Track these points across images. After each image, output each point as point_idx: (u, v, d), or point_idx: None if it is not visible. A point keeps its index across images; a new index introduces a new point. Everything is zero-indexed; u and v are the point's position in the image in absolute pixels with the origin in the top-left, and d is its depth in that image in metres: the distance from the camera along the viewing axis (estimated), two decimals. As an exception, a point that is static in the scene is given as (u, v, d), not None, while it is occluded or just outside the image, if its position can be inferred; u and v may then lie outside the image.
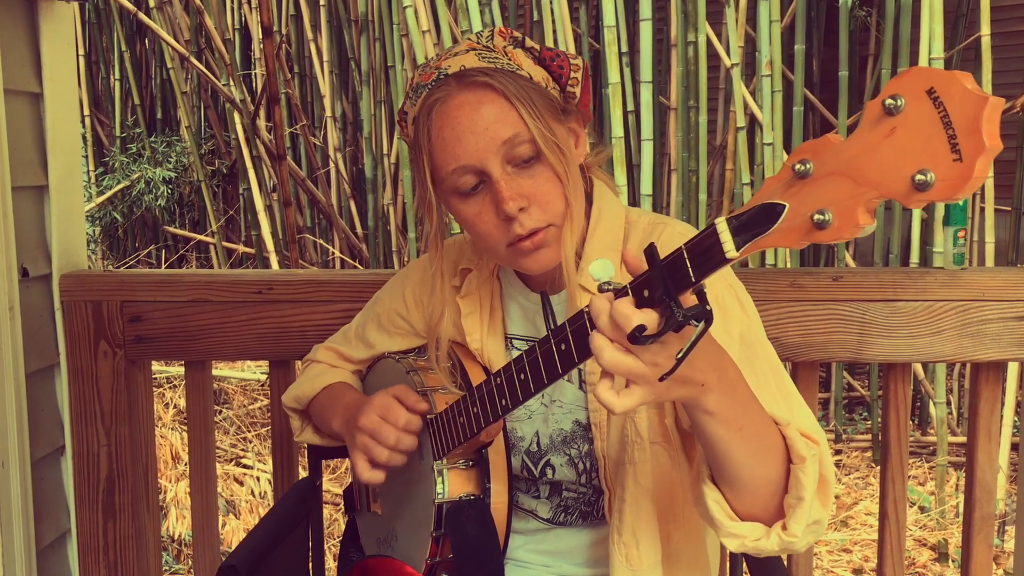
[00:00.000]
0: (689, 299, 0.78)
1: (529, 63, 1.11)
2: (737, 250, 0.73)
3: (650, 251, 0.80)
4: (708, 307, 0.77)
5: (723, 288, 1.10)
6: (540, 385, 0.98)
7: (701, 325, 0.77)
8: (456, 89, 1.08)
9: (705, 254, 0.76)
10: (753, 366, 1.04)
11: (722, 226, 0.74)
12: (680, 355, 0.80)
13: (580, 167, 1.16)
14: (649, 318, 0.79)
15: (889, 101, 0.66)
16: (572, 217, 1.10)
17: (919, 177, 0.65)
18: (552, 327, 0.95)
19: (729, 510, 0.99)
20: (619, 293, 0.83)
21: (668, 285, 0.78)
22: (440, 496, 1.15)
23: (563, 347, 0.93)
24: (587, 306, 0.86)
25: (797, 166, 0.71)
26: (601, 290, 0.85)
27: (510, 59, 1.10)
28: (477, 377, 1.20)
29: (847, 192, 0.69)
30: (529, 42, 1.14)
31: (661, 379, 0.82)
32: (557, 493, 1.23)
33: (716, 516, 0.98)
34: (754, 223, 0.73)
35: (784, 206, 0.72)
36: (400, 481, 1.27)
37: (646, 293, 0.81)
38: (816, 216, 0.70)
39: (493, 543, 1.15)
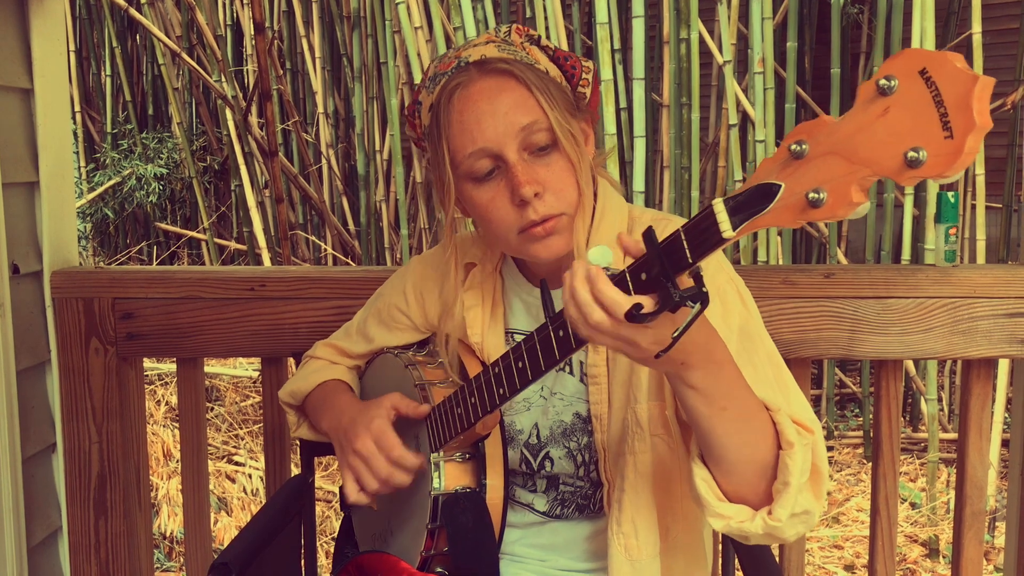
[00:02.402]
0: (686, 281, 0.80)
1: (545, 60, 1.15)
2: (734, 230, 0.75)
3: (648, 234, 0.82)
4: (704, 289, 0.79)
5: (725, 281, 1.12)
6: (538, 373, 0.99)
7: (697, 306, 0.80)
8: (477, 75, 1.10)
9: (702, 235, 0.77)
10: (751, 357, 1.06)
11: (719, 206, 0.76)
12: (676, 334, 0.82)
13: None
14: (645, 299, 0.82)
15: (883, 81, 0.67)
16: (583, 207, 1.12)
17: (911, 154, 0.66)
18: (551, 315, 0.96)
19: (717, 490, 1.00)
20: (617, 278, 0.85)
21: (666, 266, 0.80)
22: (436, 489, 1.16)
23: (561, 333, 0.94)
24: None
25: (793, 146, 0.72)
26: None
27: (528, 53, 1.14)
28: (475, 372, 1.20)
29: (841, 171, 0.70)
30: (544, 40, 1.17)
31: (657, 356, 0.85)
32: (554, 487, 1.23)
33: (703, 494, 1.00)
34: (750, 203, 0.74)
35: (780, 186, 0.73)
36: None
37: (644, 276, 0.82)
38: (811, 195, 0.71)
39: (488, 536, 1.16)
